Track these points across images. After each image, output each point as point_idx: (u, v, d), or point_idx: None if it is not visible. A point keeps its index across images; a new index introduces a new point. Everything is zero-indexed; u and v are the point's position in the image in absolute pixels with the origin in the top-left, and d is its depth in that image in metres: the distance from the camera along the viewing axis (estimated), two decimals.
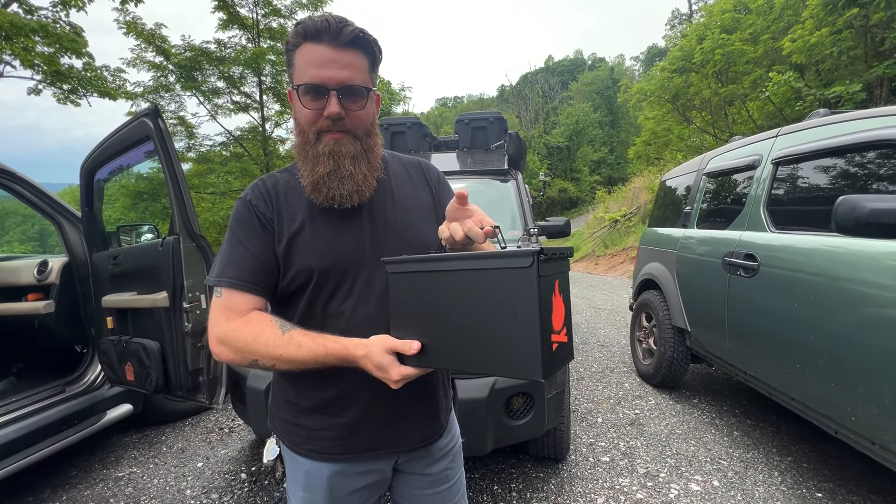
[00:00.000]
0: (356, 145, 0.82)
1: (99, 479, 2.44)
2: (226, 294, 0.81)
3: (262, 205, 0.84)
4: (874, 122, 1.85)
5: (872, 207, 1.51)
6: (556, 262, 0.68)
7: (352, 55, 0.78)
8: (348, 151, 0.81)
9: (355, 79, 0.78)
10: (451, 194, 1.02)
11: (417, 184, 0.96)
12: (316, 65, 0.76)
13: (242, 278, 0.81)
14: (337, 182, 0.80)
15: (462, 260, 0.70)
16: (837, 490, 2.12)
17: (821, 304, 1.86)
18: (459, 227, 0.73)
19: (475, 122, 3.99)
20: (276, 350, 0.75)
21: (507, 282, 0.64)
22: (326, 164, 0.80)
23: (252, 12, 11.81)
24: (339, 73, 0.76)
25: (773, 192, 2.37)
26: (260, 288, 0.82)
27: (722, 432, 2.73)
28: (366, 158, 0.83)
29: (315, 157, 0.80)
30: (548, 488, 2.19)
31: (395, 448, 0.88)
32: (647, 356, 3.63)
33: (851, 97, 7.52)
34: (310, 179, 0.81)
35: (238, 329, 0.78)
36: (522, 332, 0.63)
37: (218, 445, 2.79)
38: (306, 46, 0.77)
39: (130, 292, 2.29)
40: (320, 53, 0.76)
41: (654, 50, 40.53)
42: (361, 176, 0.82)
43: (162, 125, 1.96)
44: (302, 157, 0.82)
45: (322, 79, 0.76)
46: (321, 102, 0.78)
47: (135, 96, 10.80)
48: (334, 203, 0.82)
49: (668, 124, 14.51)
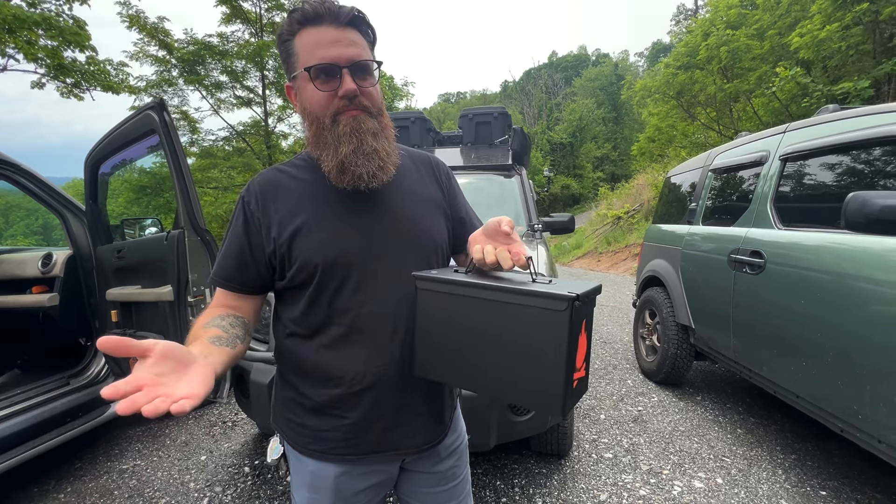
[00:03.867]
0: (374, 122, 0.80)
1: (103, 472, 2.45)
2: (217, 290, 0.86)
3: (252, 202, 0.83)
4: (884, 117, 1.83)
5: (883, 204, 1.49)
6: (588, 304, 0.69)
7: (353, 34, 0.78)
8: (368, 128, 0.79)
9: (363, 55, 0.78)
10: (458, 191, 1.01)
11: (426, 178, 0.95)
12: (323, 45, 0.75)
13: (224, 276, 0.84)
14: (363, 158, 0.78)
15: (497, 291, 0.70)
16: (842, 488, 2.11)
17: (828, 301, 1.85)
18: (493, 252, 0.72)
19: (479, 117, 3.97)
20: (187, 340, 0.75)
21: (540, 321, 0.66)
22: (350, 141, 0.77)
23: (255, 6, 11.77)
24: (348, 50, 0.76)
25: (781, 189, 2.35)
26: (238, 286, 0.84)
27: (725, 430, 2.72)
28: (384, 134, 0.82)
29: (336, 138, 0.78)
30: (550, 484, 2.19)
31: (401, 450, 0.86)
32: (651, 353, 3.62)
33: (859, 94, 7.44)
34: (334, 162, 0.78)
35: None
36: (548, 370, 0.65)
37: (221, 439, 2.80)
38: (306, 31, 0.76)
39: (135, 286, 2.29)
40: (324, 34, 0.76)
41: (658, 46, 40.23)
42: (385, 152, 0.81)
43: (167, 118, 1.96)
44: (320, 144, 0.80)
45: (332, 57, 0.75)
46: (334, 83, 0.76)
47: (138, 90, 10.79)
48: (361, 183, 0.79)
49: (672, 121, 14.40)
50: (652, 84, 14.07)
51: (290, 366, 0.87)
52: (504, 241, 0.74)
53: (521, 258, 0.71)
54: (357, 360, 0.81)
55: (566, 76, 48.47)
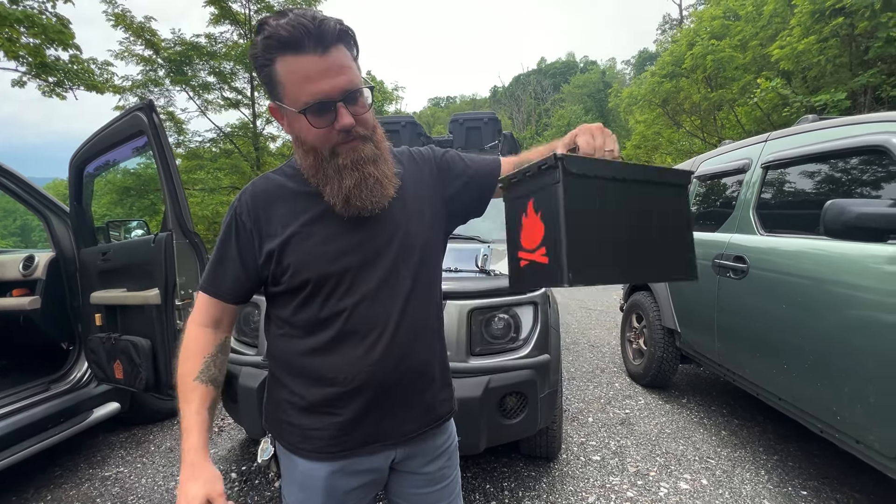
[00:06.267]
0: (370, 147, 0.79)
1: (85, 479, 2.40)
2: (200, 294, 0.89)
3: (244, 213, 0.84)
4: (861, 128, 1.90)
5: (860, 212, 1.54)
6: None
7: (339, 54, 0.72)
8: (367, 157, 0.78)
9: (354, 81, 0.73)
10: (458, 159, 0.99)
11: (426, 180, 0.94)
12: (311, 79, 0.70)
13: (213, 286, 0.86)
14: (367, 190, 0.78)
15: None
16: (822, 488, 2.17)
17: (808, 305, 1.90)
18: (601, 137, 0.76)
19: (469, 122, 4.01)
20: (180, 388, 0.83)
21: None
22: (352, 175, 0.77)
23: (244, 7, 11.70)
24: (337, 80, 0.71)
25: (762, 196, 2.42)
26: (226, 295, 0.86)
27: (710, 431, 2.77)
28: (382, 157, 0.82)
29: (337, 171, 0.77)
30: (539, 487, 2.21)
31: (391, 440, 0.87)
32: (637, 356, 3.67)
33: (836, 105, 7.68)
34: (340, 196, 0.78)
35: (188, 338, 0.87)
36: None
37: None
38: (287, 60, 0.70)
39: (120, 289, 2.25)
40: (310, 65, 0.69)
41: (645, 54, 40.98)
42: (386, 177, 0.81)
43: (157, 120, 1.94)
44: (320, 175, 0.79)
45: (324, 93, 0.71)
46: (329, 118, 0.73)
47: (123, 90, 10.62)
48: (366, 213, 0.80)
49: (657, 128, 14.69)
50: (638, 92, 14.35)
51: (282, 366, 0.87)
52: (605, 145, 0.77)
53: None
54: (349, 360, 0.82)
55: (555, 82, 49.08)
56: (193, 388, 0.82)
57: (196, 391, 0.82)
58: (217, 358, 0.86)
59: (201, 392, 0.83)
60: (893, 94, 7.44)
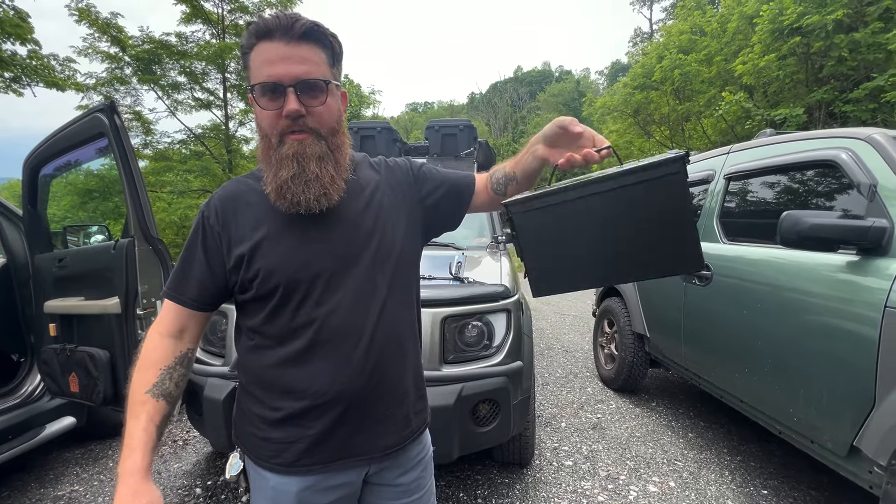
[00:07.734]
0: (321, 145, 0.78)
1: (35, 499, 2.26)
2: (165, 301, 0.85)
3: (212, 217, 0.82)
4: (814, 143, 2.00)
5: (812, 223, 1.62)
6: None
7: (307, 49, 0.74)
8: (313, 152, 0.77)
9: (312, 73, 0.74)
10: (434, 173, 0.98)
11: (400, 188, 0.93)
12: (270, 62, 0.73)
13: (178, 291, 0.84)
14: (302, 186, 0.76)
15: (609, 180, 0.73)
16: (781, 487, 2.26)
17: (766, 311, 1.99)
18: (578, 157, 0.76)
19: (446, 128, 4.03)
20: (129, 400, 0.78)
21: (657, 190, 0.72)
22: (290, 167, 0.75)
23: (217, 7, 11.44)
24: (295, 68, 0.73)
25: (726, 205, 2.51)
26: (192, 301, 0.83)
27: (678, 434, 2.85)
28: (332, 159, 0.79)
29: (278, 160, 0.76)
30: (512, 493, 2.22)
31: (366, 455, 0.85)
32: (609, 361, 3.74)
33: (795, 119, 8.11)
34: (274, 185, 0.77)
35: (146, 347, 0.82)
36: (681, 232, 0.74)
37: (171, 459, 2.64)
38: (260, 46, 0.74)
39: (77, 297, 2.15)
40: (273, 50, 0.73)
41: (617, 65, 42.22)
42: (328, 178, 0.78)
43: (118, 121, 1.87)
44: (265, 162, 0.79)
45: (277, 76, 0.73)
46: (279, 102, 0.74)
47: (86, 88, 10.19)
48: (300, 209, 0.78)
49: (629, 137, 15.15)
50: (611, 102, 14.78)
51: (252, 378, 0.85)
52: (574, 139, 0.79)
53: (602, 141, 0.77)
54: (321, 371, 0.80)
55: (531, 90, 49.93)
56: (143, 402, 0.77)
57: (146, 405, 0.76)
58: (175, 371, 0.81)
59: (151, 407, 0.77)
60: (845, 110, 7.91)
